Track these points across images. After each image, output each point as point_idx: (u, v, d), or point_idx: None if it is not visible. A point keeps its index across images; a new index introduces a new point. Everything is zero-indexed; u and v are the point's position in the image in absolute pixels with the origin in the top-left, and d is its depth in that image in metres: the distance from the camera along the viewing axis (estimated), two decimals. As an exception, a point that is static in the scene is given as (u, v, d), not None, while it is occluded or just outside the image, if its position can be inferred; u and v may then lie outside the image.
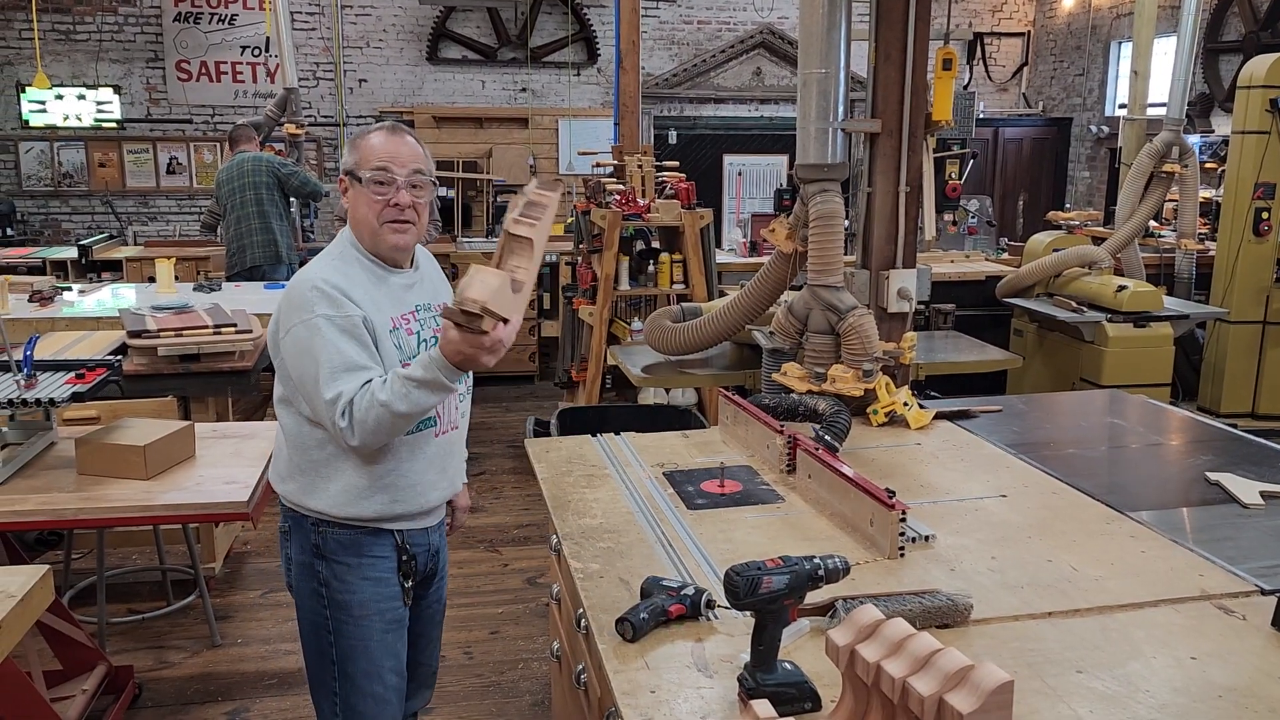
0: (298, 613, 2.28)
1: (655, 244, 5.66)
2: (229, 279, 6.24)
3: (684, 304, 4.48)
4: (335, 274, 2.11)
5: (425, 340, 2.21)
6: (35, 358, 3.04)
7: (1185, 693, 1.63)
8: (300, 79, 9.01)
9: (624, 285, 5.41)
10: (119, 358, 3.40)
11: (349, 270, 2.15)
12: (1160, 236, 7.04)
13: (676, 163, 6.05)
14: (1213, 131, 8.93)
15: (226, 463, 3.06)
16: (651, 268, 5.46)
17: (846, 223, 3.27)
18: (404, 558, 2.26)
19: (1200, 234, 6.64)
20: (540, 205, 1.95)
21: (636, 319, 5.53)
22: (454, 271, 7.82)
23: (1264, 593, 1.96)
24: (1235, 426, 3.34)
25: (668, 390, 5.75)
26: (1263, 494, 2.47)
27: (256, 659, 3.64)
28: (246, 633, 3.83)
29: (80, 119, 9.67)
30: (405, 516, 2.24)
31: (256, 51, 9.95)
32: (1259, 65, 5.95)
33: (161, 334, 4.15)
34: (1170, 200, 6.68)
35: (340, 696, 2.23)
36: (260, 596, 4.12)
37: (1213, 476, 2.61)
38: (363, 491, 2.16)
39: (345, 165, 2.20)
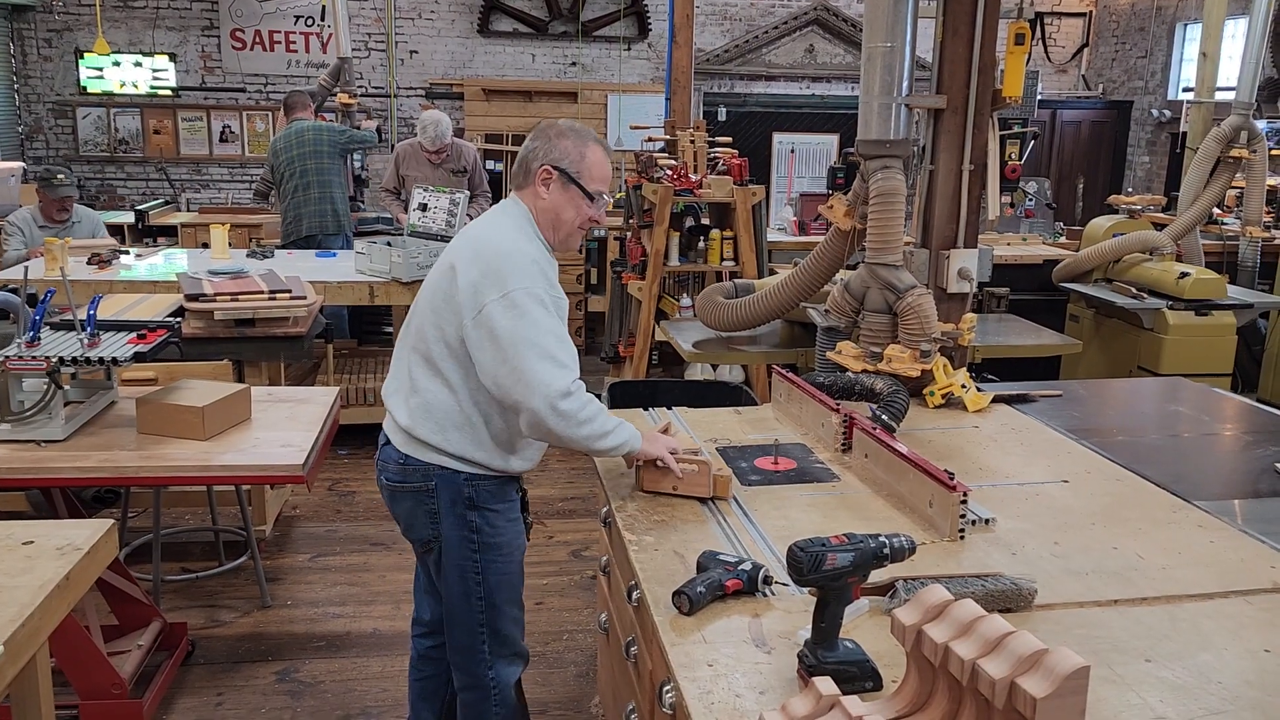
0: (442, 560, 2.39)
1: (705, 220, 5.62)
2: (284, 247, 6.26)
3: (736, 280, 4.44)
4: (539, 253, 2.29)
5: None
6: (97, 318, 3.08)
7: (1258, 685, 1.59)
8: (352, 49, 9.04)
9: (673, 261, 5.38)
10: (178, 320, 3.44)
11: (543, 252, 2.32)
12: (1223, 224, 6.85)
13: (729, 139, 5.99)
14: (1280, 117, 8.66)
15: (282, 426, 3.09)
16: (702, 244, 5.42)
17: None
18: (524, 497, 2.49)
19: (1265, 222, 6.45)
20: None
21: (685, 295, 5.50)
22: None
23: (1339, 587, 1.91)
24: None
25: (714, 367, 5.73)
26: (1336, 487, 2.41)
27: (305, 621, 3.69)
28: (295, 595, 3.88)
29: (136, 86, 9.79)
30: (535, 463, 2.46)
31: (310, 21, 9.99)
32: (1335, 48, 5.75)
33: (218, 298, 4.20)
34: (1235, 187, 6.49)
35: (488, 626, 2.42)
36: (309, 560, 4.17)
37: (1283, 468, 2.54)
38: (519, 448, 2.37)
39: (558, 163, 2.30)
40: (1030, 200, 7.01)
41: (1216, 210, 6.66)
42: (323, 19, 9.85)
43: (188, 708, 3.16)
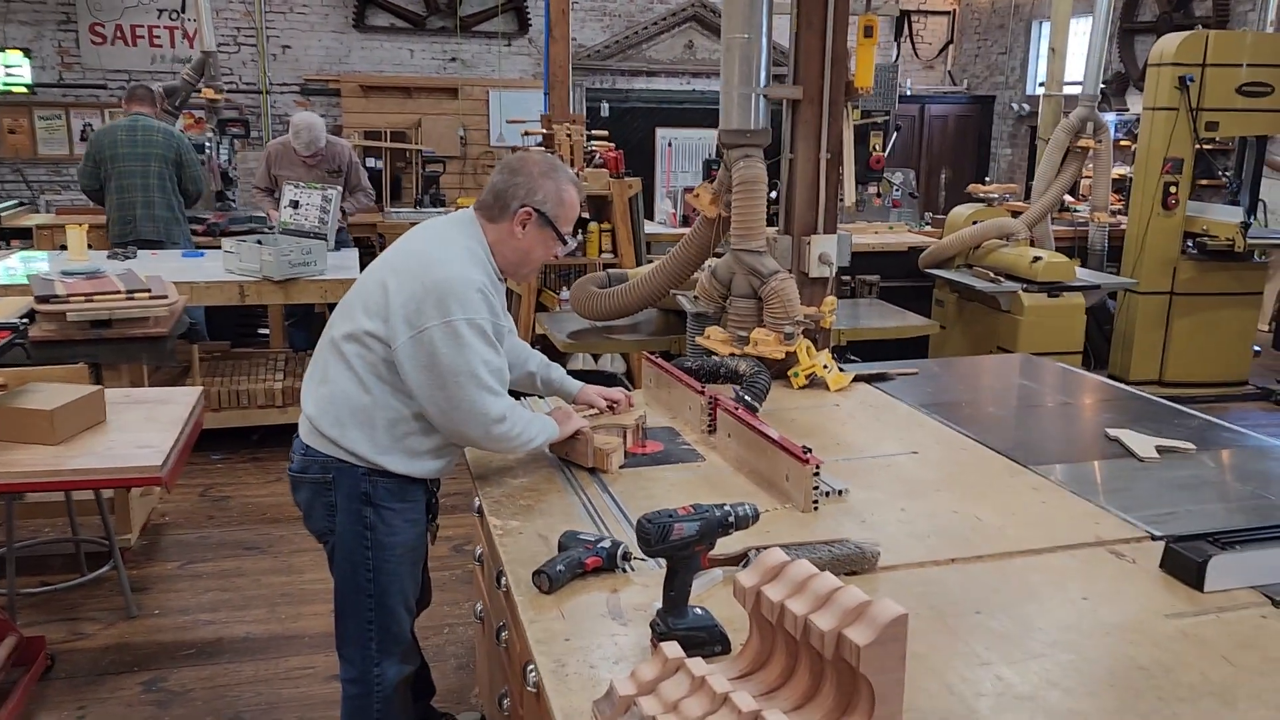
0: (335, 552, 2.41)
1: (584, 213, 5.65)
2: (117, 247, 5.87)
3: (610, 270, 4.49)
4: (486, 279, 2.29)
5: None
6: (-65, 321, 2.93)
7: (1076, 630, 1.71)
8: (220, 44, 8.76)
9: (552, 254, 5.40)
10: (24, 320, 3.29)
11: (490, 276, 2.32)
12: (1075, 210, 7.25)
13: (605, 132, 6.03)
14: (1128, 110, 9.19)
15: (139, 428, 3.00)
16: (580, 237, 5.46)
17: (774, 194, 3.32)
18: (432, 500, 2.49)
19: (1113, 208, 6.85)
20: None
21: (565, 288, 5.53)
22: (381, 241, 7.72)
23: (1154, 538, 2.05)
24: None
25: (596, 357, 5.77)
26: (1158, 448, 2.59)
27: (174, 629, 3.58)
28: (164, 603, 3.76)
29: (-13, 82, 9.28)
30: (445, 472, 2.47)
31: (174, 15, 9.63)
32: (1169, 43, 6.14)
33: (71, 299, 4.02)
34: (1086, 176, 6.88)
35: (376, 622, 2.43)
36: (179, 568, 4.04)
37: (1112, 433, 2.72)
38: (425, 455, 2.35)
39: (540, 206, 2.33)
40: (897, 191, 7.28)
41: (1069, 198, 7.04)
42: (184, 11, 9.54)
43: (47, 724, 3.04)
